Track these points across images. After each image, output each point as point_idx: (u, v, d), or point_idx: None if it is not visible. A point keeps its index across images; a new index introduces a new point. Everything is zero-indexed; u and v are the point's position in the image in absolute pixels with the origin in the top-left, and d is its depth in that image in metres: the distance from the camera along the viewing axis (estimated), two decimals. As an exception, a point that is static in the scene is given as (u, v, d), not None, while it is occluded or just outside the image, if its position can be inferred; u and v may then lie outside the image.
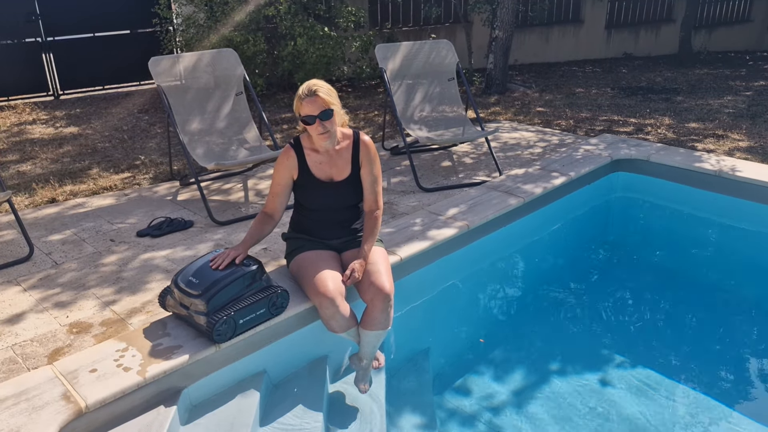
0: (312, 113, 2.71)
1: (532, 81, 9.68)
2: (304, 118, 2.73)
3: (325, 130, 2.74)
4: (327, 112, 2.71)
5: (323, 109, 2.70)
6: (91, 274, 3.44)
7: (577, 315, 4.00)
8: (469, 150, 5.73)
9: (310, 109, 2.70)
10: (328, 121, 2.73)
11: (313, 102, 2.69)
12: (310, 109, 2.70)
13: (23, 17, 7.91)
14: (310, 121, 2.72)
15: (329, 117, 2.73)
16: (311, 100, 2.69)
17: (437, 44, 5.45)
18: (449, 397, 3.12)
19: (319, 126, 2.73)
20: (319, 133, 2.75)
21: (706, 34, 13.71)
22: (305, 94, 2.70)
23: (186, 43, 7.68)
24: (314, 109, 2.70)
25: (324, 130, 2.74)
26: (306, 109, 2.71)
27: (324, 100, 2.69)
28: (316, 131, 2.75)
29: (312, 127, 2.74)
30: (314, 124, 2.73)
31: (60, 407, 2.22)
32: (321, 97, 2.68)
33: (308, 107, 2.70)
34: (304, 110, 2.72)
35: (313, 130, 2.75)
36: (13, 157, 5.72)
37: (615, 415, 2.96)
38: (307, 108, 2.71)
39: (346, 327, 2.73)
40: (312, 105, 2.69)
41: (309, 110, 2.70)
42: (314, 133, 2.76)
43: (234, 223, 4.12)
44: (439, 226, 3.78)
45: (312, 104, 2.69)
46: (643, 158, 5.08)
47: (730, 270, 4.46)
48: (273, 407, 2.65)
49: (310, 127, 2.75)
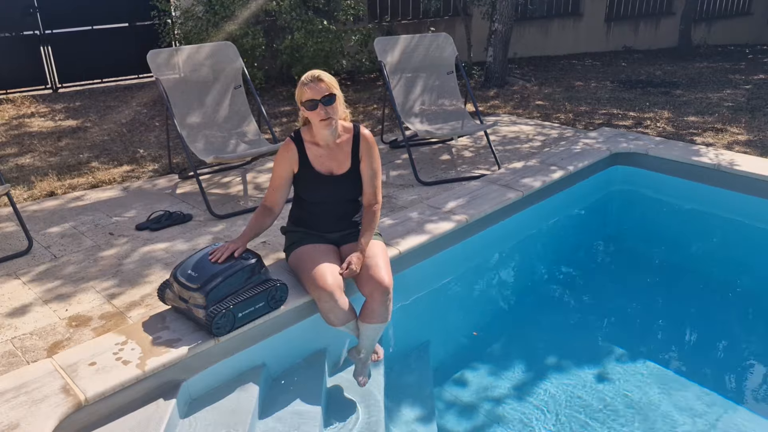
0: (314, 97, 2.70)
1: (531, 74, 9.66)
2: (306, 102, 2.72)
3: (327, 116, 2.74)
4: (329, 97, 2.71)
5: (325, 94, 2.70)
6: (91, 268, 3.45)
7: (576, 308, 4.02)
8: (468, 143, 5.73)
9: (313, 93, 2.70)
10: (330, 106, 2.73)
11: (316, 87, 2.69)
12: (312, 93, 2.70)
13: (21, 10, 7.87)
14: (313, 106, 2.72)
15: (331, 102, 2.72)
16: (314, 85, 2.69)
17: (436, 37, 5.44)
18: (448, 390, 3.13)
19: (321, 111, 2.72)
20: (321, 119, 2.74)
21: (706, 28, 13.68)
22: (308, 80, 2.70)
23: (184, 36, 7.65)
24: (316, 94, 2.70)
25: (326, 116, 2.73)
26: (308, 93, 2.71)
27: (327, 83, 2.70)
28: (317, 116, 2.74)
29: (314, 112, 2.73)
30: (316, 109, 2.72)
31: (59, 400, 2.22)
32: (324, 82, 2.70)
33: (310, 92, 2.70)
34: (306, 95, 2.72)
35: (315, 115, 2.74)
36: (11, 150, 5.72)
37: (611, 406, 2.97)
38: (309, 93, 2.70)
39: (345, 320, 2.73)
40: (315, 90, 2.69)
41: (311, 95, 2.70)
42: (315, 119, 2.75)
43: (233, 216, 4.12)
44: (438, 219, 3.78)
45: (315, 89, 2.69)
46: (642, 152, 5.08)
47: (729, 263, 4.47)
48: (272, 400, 2.66)
49: (312, 112, 2.74)
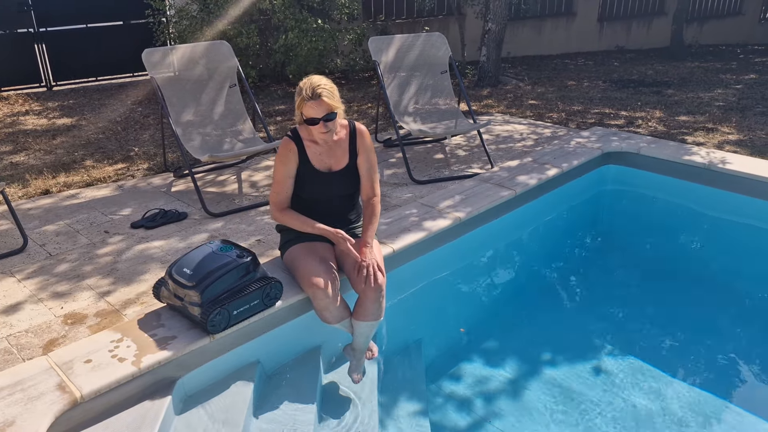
0: (316, 116, 2.72)
1: (524, 74, 9.70)
2: (308, 119, 2.75)
3: (327, 130, 2.78)
4: (331, 115, 2.74)
5: (327, 113, 2.72)
6: (86, 266, 3.46)
7: (568, 305, 4.05)
8: (462, 142, 5.76)
9: (315, 111, 2.71)
10: (331, 122, 2.76)
11: (317, 105, 2.70)
12: (314, 111, 2.71)
13: (15, 7, 7.86)
14: (314, 122, 2.75)
15: (333, 119, 2.76)
16: (316, 104, 2.69)
17: (430, 37, 5.46)
18: (442, 387, 3.16)
19: (323, 127, 2.76)
20: (322, 132, 2.78)
21: (698, 28, 13.75)
22: (308, 96, 2.70)
23: (179, 35, 7.66)
24: (318, 112, 2.72)
25: (327, 131, 2.78)
26: (310, 111, 2.72)
27: (328, 104, 2.70)
28: (318, 131, 2.78)
29: (315, 127, 2.77)
30: (318, 125, 2.76)
31: (55, 397, 2.24)
32: (325, 102, 2.69)
33: (312, 110, 2.71)
34: (307, 112, 2.73)
35: (316, 130, 2.78)
36: (6, 148, 5.71)
37: (604, 402, 3.00)
38: (310, 110, 2.72)
39: (339, 318, 2.76)
40: (316, 108, 2.71)
41: (313, 113, 2.72)
42: (316, 132, 2.79)
43: (228, 214, 4.13)
44: (432, 218, 3.81)
45: (316, 107, 2.70)
46: (633, 151, 5.12)
47: (719, 262, 4.51)
48: (267, 397, 2.68)
49: (314, 127, 2.77)
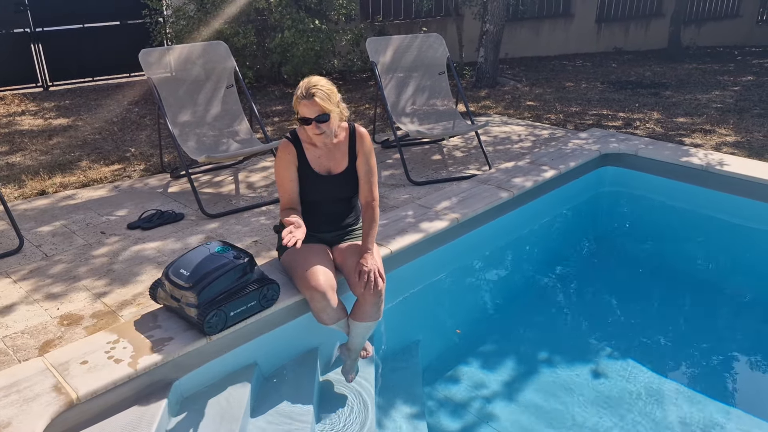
0: (308, 116, 2.72)
1: (522, 75, 9.71)
2: (301, 118, 2.76)
3: (320, 131, 2.77)
4: (323, 116, 2.73)
5: (319, 114, 2.72)
6: (82, 266, 3.44)
7: (566, 307, 4.05)
8: (460, 143, 5.75)
9: (308, 111, 2.72)
10: (324, 123, 2.75)
11: (311, 105, 2.70)
12: (307, 111, 2.72)
13: (11, 7, 7.84)
14: (306, 122, 2.75)
15: (325, 120, 2.74)
16: (309, 103, 2.69)
17: (428, 38, 5.46)
18: (438, 387, 3.15)
19: (315, 128, 2.75)
20: (315, 133, 2.78)
21: (696, 29, 13.79)
22: (303, 95, 2.70)
23: (176, 35, 7.64)
24: (311, 112, 2.71)
25: (320, 132, 2.77)
26: (303, 110, 2.72)
27: (321, 106, 2.69)
28: (311, 131, 2.78)
29: (308, 127, 2.77)
30: (310, 125, 2.75)
31: (51, 399, 2.23)
32: (317, 103, 2.69)
33: (305, 109, 2.72)
34: (301, 110, 2.74)
35: (309, 130, 2.78)
36: (2, 149, 5.69)
37: (601, 403, 3.00)
38: (304, 109, 2.72)
39: (336, 319, 2.76)
40: (310, 108, 2.70)
41: (306, 112, 2.72)
42: (310, 132, 2.79)
43: (225, 215, 4.12)
44: (430, 219, 3.80)
45: (310, 107, 2.70)
46: (631, 153, 5.12)
47: (717, 263, 4.51)
48: (264, 398, 2.67)
49: (307, 126, 2.77)
